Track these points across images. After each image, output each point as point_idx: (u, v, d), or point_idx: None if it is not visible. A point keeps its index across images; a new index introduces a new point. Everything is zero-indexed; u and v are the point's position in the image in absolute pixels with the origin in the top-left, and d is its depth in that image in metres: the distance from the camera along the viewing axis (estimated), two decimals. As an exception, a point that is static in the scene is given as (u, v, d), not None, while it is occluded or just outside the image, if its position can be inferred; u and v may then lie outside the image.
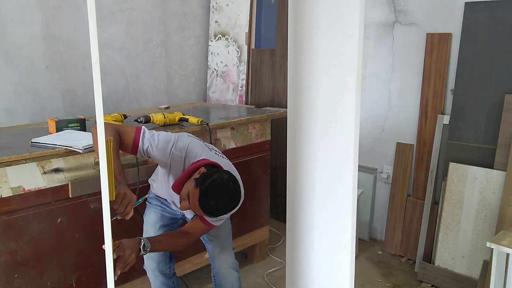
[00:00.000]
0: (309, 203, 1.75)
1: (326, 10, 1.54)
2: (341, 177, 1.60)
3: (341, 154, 1.59)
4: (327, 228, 1.69)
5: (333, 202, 1.65)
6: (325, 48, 1.57)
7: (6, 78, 2.66)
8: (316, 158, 1.68)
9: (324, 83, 1.60)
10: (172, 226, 2.06)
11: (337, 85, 1.55)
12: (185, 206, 1.65)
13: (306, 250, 1.81)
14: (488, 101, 2.63)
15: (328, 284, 1.75)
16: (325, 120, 1.62)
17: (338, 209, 1.64)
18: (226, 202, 1.64)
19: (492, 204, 2.55)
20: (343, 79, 1.53)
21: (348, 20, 1.47)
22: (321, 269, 1.76)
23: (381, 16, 3.08)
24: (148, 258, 2.03)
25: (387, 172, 3.18)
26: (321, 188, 1.68)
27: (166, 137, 1.78)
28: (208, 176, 1.63)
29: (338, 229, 1.66)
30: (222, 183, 1.63)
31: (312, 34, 1.60)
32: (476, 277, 2.60)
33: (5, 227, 1.82)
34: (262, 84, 3.56)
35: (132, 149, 1.72)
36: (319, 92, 1.62)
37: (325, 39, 1.57)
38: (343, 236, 1.64)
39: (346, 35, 1.49)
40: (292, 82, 1.72)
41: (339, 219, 1.64)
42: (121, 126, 1.76)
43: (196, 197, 1.60)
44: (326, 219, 1.69)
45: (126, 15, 3.18)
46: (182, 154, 1.76)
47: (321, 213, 1.71)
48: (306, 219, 1.78)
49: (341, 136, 1.57)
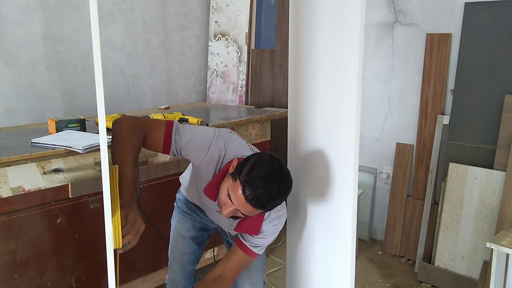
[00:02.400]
0: (309, 204, 1.75)
1: (326, 11, 1.54)
2: (341, 177, 1.61)
3: (341, 154, 1.59)
4: (327, 229, 1.69)
5: (334, 203, 1.65)
6: (325, 49, 1.57)
7: (6, 78, 2.66)
8: (317, 158, 1.68)
9: (324, 83, 1.60)
10: (202, 237, 1.86)
11: (337, 85, 1.56)
12: (229, 210, 1.36)
13: (306, 250, 1.81)
14: (488, 102, 2.63)
15: (328, 285, 1.75)
16: (325, 120, 1.62)
17: (339, 210, 1.64)
18: (277, 186, 1.33)
19: (492, 205, 2.55)
20: (344, 79, 1.53)
21: (349, 21, 1.47)
22: (321, 269, 1.76)
23: (381, 17, 3.08)
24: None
25: (387, 173, 3.18)
26: (321, 188, 1.68)
27: (204, 132, 1.50)
28: (245, 162, 1.36)
29: (338, 230, 1.66)
30: (264, 164, 1.33)
31: (313, 35, 1.60)
32: (476, 278, 2.60)
33: (5, 227, 1.81)
34: (262, 85, 3.55)
35: (164, 148, 1.44)
36: (320, 92, 1.62)
37: (326, 40, 1.57)
38: (343, 237, 1.64)
39: (347, 36, 1.49)
40: (293, 83, 1.72)
41: (339, 220, 1.64)
42: (149, 121, 1.49)
43: (238, 191, 1.32)
44: (327, 219, 1.69)
45: (126, 15, 3.17)
46: (222, 153, 1.47)
47: (321, 214, 1.71)
48: (306, 219, 1.78)
49: (342, 136, 1.57)
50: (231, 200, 1.34)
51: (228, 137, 1.50)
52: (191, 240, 1.83)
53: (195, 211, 1.80)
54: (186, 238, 1.83)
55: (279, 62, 3.44)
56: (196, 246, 1.86)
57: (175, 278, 1.89)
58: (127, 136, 1.37)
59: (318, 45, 1.59)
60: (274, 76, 3.48)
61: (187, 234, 1.82)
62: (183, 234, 1.83)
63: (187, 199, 1.80)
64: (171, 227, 1.88)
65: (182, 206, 1.83)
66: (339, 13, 1.50)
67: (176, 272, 1.88)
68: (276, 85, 3.48)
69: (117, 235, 1.13)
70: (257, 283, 1.76)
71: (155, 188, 2.31)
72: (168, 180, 2.34)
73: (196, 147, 1.46)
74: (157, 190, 2.32)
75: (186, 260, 1.86)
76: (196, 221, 1.82)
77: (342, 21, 1.50)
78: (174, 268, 1.89)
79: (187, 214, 1.82)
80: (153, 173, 2.30)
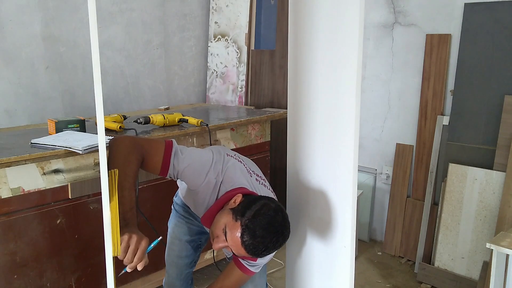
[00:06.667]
0: (309, 204, 1.75)
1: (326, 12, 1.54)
2: (341, 178, 1.61)
3: (341, 155, 1.59)
4: (327, 229, 1.69)
5: (333, 203, 1.65)
6: (325, 49, 1.57)
7: (6, 79, 2.66)
8: (316, 159, 1.68)
9: (324, 84, 1.60)
10: (199, 240, 1.85)
11: (337, 86, 1.56)
12: (220, 245, 1.33)
13: (306, 251, 1.81)
14: (487, 102, 2.63)
15: (328, 285, 1.75)
16: (325, 121, 1.62)
17: (338, 210, 1.64)
18: (276, 239, 1.31)
19: (492, 205, 2.55)
20: (343, 80, 1.53)
21: (348, 22, 1.47)
22: (321, 270, 1.76)
23: (380, 17, 3.08)
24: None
25: (387, 173, 3.18)
26: (321, 189, 1.68)
27: (203, 157, 1.46)
28: (250, 205, 1.32)
29: (338, 230, 1.66)
30: (269, 214, 1.31)
31: (312, 36, 1.60)
32: (476, 278, 2.60)
33: (4, 228, 1.81)
34: (262, 85, 3.56)
35: (161, 172, 1.41)
36: (319, 93, 1.62)
37: (325, 41, 1.57)
38: (343, 237, 1.64)
39: (346, 37, 1.49)
40: (292, 83, 1.72)
41: (338, 220, 1.64)
42: (148, 142, 1.43)
43: (236, 233, 1.29)
44: (326, 220, 1.69)
45: (126, 16, 3.18)
46: (219, 178, 1.44)
47: (321, 214, 1.71)
48: (306, 220, 1.78)
49: (341, 137, 1.57)
50: (225, 237, 1.32)
51: (226, 162, 1.47)
52: (188, 244, 1.83)
53: (193, 215, 1.78)
54: (183, 242, 1.82)
55: (279, 62, 3.45)
56: (193, 250, 1.86)
57: (171, 282, 1.89)
58: (125, 158, 1.32)
59: (318, 45, 1.59)
60: (274, 76, 3.48)
61: (184, 238, 1.82)
62: (180, 238, 1.82)
63: (184, 203, 1.79)
64: (168, 230, 1.87)
65: (179, 210, 1.83)
66: (339, 13, 1.50)
67: (173, 276, 1.88)
68: (276, 85, 3.48)
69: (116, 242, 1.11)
70: (260, 286, 1.75)
71: (154, 189, 2.31)
72: (167, 181, 2.33)
73: (194, 173, 1.43)
74: (156, 191, 2.32)
75: (182, 263, 1.86)
76: (193, 224, 1.81)
77: (342, 21, 1.50)
78: (170, 271, 1.89)
79: (184, 218, 1.81)
80: (153, 174, 2.29)
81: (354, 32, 1.46)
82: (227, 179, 1.44)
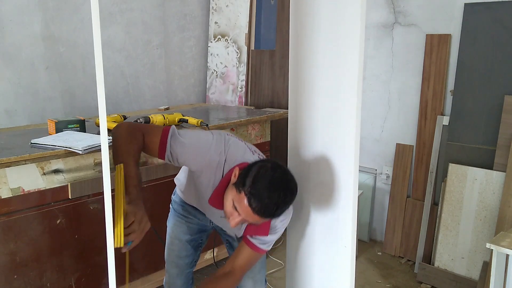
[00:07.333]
0: (309, 204, 1.75)
1: (327, 12, 1.54)
2: (341, 178, 1.61)
3: (341, 155, 1.59)
4: (327, 229, 1.69)
5: (334, 203, 1.65)
6: (326, 50, 1.57)
7: (6, 79, 2.65)
8: (317, 160, 1.68)
9: (325, 84, 1.60)
10: (200, 239, 1.85)
11: (338, 86, 1.56)
12: (237, 220, 1.35)
13: (306, 251, 1.81)
14: (487, 102, 2.63)
15: (328, 285, 1.75)
16: (325, 121, 1.62)
17: (338, 210, 1.64)
18: (283, 194, 1.33)
19: (492, 205, 2.55)
20: (344, 80, 1.53)
21: (349, 22, 1.47)
22: (321, 270, 1.76)
23: (380, 17, 3.08)
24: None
25: (387, 173, 3.18)
26: (322, 189, 1.68)
27: (202, 137, 1.47)
28: (247, 173, 1.34)
29: (338, 230, 1.66)
30: (268, 174, 1.33)
31: (313, 36, 1.60)
32: (476, 278, 2.60)
33: (4, 228, 1.81)
34: (262, 85, 3.56)
35: (159, 153, 1.43)
36: (320, 93, 1.62)
37: (326, 41, 1.57)
38: (343, 237, 1.64)
39: (347, 37, 1.49)
40: (293, 83, 1.72)
41: (339, 220, 1.64)
42: (147, 126, 1.50)
43: (244, 202, 1.31)
44: (326, 220, 1.69)
45: (126, 16, 3.18)
46: (222, 157, 1.44)
47: (321, 215, 1.71)
48: (306, 220, 1.78)
49: (342, 137, 1.57)
50: (237, 211, 1.34)
51: (227, 140, 1.48)
52: (188, 243, 1.82)
53: (192, 213, 1.77)
54: (183, 241, 1.82)
55: (278, 62, 3.45)
56: (193, 250, 1.85)
57: (172, 282, 1.89)
58: (127, 138, 1.40)
59: (319, 45, 1.59)
60: (274, 76, 3.48)
61: (184, 238, 1.81)
62: (180, 237, 1.81)
63: (183, 201, 1.78)
64: (167, 229, 1.87)
65: (178, 209, 1.81)
66: (340, 13, 1.50)
67: (173, 276, 1.88)
68: (276, 85, 3.48)
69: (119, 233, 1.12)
70: (259, 282, 1.75)
71: (155, 189, 2.31)
72: (167, 180, 2.33)
73: (194, 153, 1.44)
74: (156, 190, 2.32)
75: (183, 263, 1.86)
76: (193, 223, 1.80)
77: (343, 21, 1.50)
78: (171, 271, 1.88)
79: (184, 217, 1.80)
80: (153, 174, 2.30)
81: (355, 32, 1.46)
82: (230, 157, 1.44)
